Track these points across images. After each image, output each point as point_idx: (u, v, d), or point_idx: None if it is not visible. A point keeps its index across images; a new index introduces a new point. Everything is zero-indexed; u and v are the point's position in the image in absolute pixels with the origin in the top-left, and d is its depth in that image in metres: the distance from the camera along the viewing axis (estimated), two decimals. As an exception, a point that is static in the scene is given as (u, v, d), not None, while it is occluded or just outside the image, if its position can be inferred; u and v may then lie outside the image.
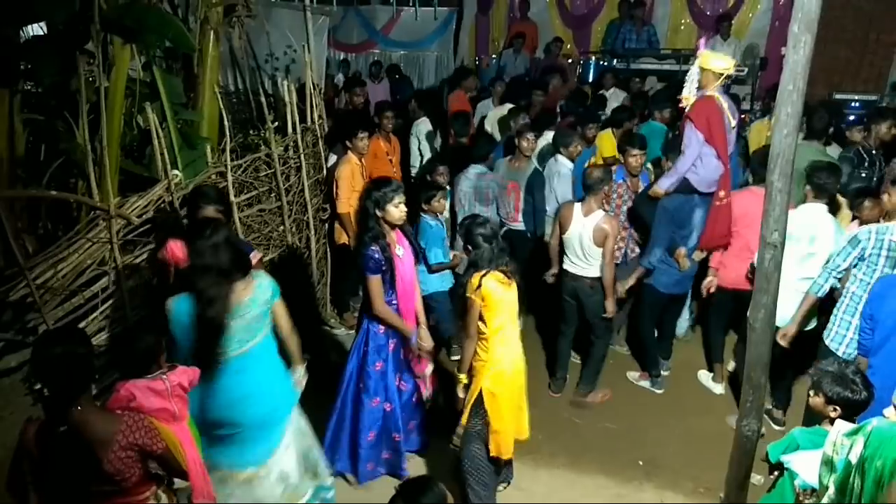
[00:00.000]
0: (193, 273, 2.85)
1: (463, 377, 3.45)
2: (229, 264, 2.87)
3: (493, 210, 5.42)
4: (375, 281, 3.45)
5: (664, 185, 4.60)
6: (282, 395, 3.12)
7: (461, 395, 3.47)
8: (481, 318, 3.31)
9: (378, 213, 3.44)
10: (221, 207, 3.54)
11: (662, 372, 5.02)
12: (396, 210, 3.45)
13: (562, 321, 4.81)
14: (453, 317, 4.87)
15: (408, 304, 3.63)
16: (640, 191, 5.09)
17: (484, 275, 3.28)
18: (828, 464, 2.48)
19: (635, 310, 5.07)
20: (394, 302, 3.58)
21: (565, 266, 4.63)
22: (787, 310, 3.91)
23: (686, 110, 4.67)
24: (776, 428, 4.42)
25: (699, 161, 4.48)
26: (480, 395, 3.35)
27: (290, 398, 3.18)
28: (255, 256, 3.69)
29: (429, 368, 3.76)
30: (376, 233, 3.44)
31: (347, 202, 5.13)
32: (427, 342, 3.72)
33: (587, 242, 4.42)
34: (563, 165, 5.49)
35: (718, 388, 4.93)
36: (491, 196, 5.39)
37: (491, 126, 6.99)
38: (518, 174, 5.38)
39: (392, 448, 3.77)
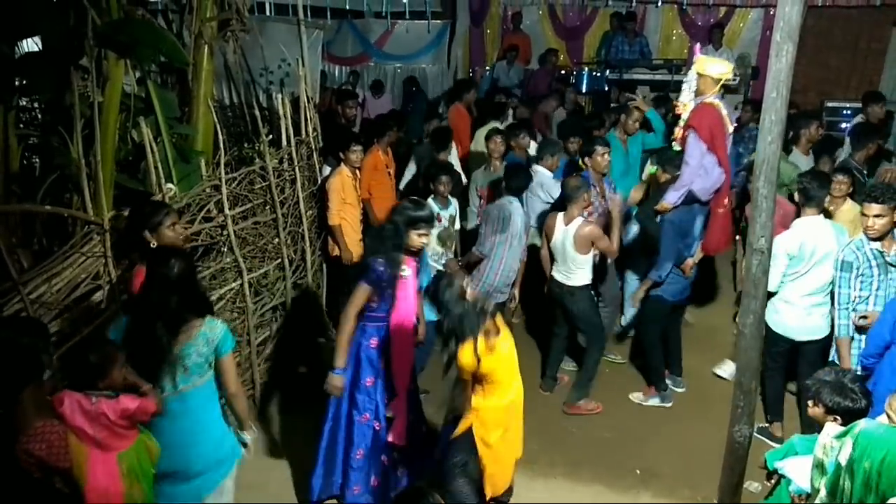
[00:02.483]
0: (142, 305, 2.77)
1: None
2: (180, 306, 2.76)
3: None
4: (363, 290, 3.37)
5: (672, 198, 4.51)
6: (215, 452, 2.92)
7: None
8: (476, 380, 3.17)
9: (404, 234, 3.37)
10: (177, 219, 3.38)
11: (677, 389, 5.00)
12: (419, 240, 3.41)
13: (554, 323, 4.91)
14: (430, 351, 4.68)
15: (402, 326, 3.49)
16: (605, 193, 5.11)
17: (466, 345, 3.07)
18: (819, 466, 2.50)
19: (640, 327, 5.05)
20: (382, 316, 3.47)
21: (552, 273, 4.72)
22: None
23: (684, 118, 4.67)
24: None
25: (703, 171, 4.42)
26: (470, 433, 3.25)
27: (226, 459, 2.97)
28: None
29: (391, 412, 3.56)
30: (394, 246, 3.37)
31: (338, 214, 5.14)
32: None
33: (570, 250, 4.51)
34: (544, 175, 5.48)
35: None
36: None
37: (479, 145, 6.88)
38: (496, 177, 5.44)
39: (380, 473, 3.61)
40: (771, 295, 3.90)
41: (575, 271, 4.57)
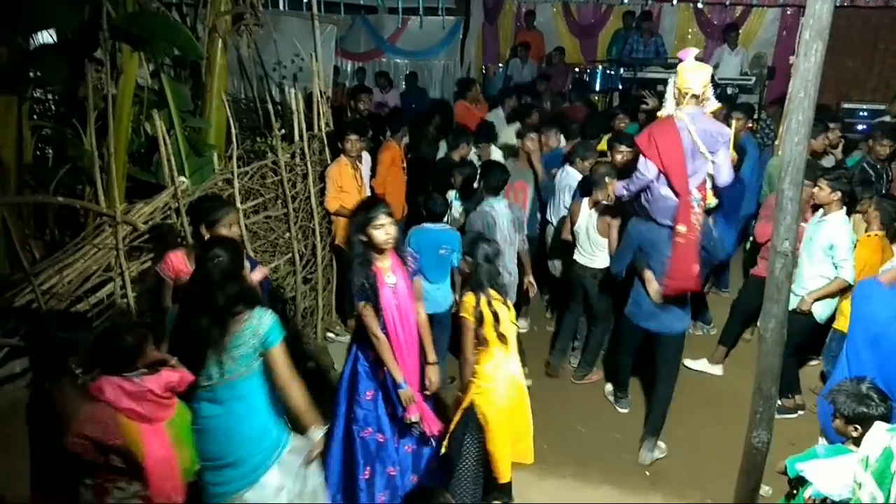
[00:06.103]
0: (191, 299, 2.80)
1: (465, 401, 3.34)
2: (230, 299, 2.74)
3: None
4: (363, 308, 3.26)
5: (618, 189, 4.23)
6: (256, 443, 2.85)
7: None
8: (477, 338, 3.23)
9: (363, 237, 3.25)
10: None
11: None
12: (379, 233, 3.22)
13: (570, 300, 5.09)
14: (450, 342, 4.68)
15: (399, 336, 3.34)
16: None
17: (479, 294, 3.26)
18: (864, 461, 2.50)
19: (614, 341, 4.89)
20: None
21: (575, 257, 4.91)
22: None
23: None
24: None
25: (649, 189, 3.98)
26: (472, 411, 3.26)
27: (267, 451, 2.86)
28: (259, 272, 3.61)
29: (414, 415, 3.36)
30: (364, 259, 3.26)
31: (335, 199, 5.09)
32: (433, 381, 3.44)
33: (592, 233, 4.72)
34: (574, 178, 5.34)
35: (717, 370, 5.19)
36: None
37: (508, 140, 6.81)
38: (526, 173, 5.48)
39: (388, 487, 3.49)
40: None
41: (598, 254, 4.75)
